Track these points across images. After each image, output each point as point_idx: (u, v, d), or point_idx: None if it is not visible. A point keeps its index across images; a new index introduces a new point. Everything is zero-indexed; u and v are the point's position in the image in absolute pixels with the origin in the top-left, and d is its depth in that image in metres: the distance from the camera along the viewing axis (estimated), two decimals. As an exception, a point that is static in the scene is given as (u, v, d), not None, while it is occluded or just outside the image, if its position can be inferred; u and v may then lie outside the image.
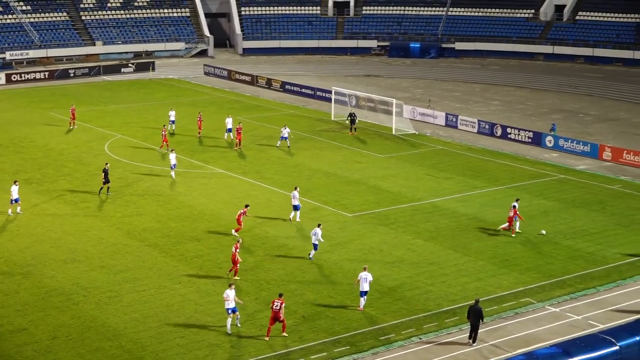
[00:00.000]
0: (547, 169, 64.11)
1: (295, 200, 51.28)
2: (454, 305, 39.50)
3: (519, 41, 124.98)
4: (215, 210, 53.09)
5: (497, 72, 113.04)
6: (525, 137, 72.67)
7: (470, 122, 77.69)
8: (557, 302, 40.08)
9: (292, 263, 44.42)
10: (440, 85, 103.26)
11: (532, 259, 45.33)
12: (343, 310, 38.78)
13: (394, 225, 50.57)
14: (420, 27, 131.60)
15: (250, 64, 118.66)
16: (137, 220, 51.10)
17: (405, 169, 63.41)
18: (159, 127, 76.60)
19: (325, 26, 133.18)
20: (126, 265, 43.97)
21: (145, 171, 61.90)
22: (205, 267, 43.75)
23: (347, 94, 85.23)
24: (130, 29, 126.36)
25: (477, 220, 51.54)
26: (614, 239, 48.65)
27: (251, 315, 38.15)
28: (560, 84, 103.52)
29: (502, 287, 41.60)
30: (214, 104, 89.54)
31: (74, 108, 77.63)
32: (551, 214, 53.09)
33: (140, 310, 38.64)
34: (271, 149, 68.86)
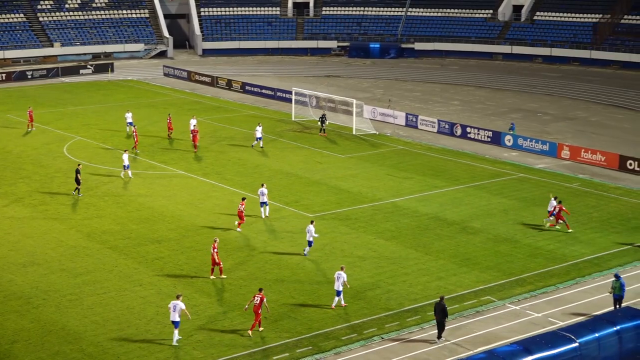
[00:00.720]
0: (507, 168, 64.58)
1: (264, 197, 51.62)
2: (416, 304, 39.67)
3: (478, 41, 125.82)
4: (176, 212, 52.87)
5: (457, 72, 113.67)
6: (485, 137, 73.15)
7: (430, 122, 78.03)
8: (518, 300, 40.38)
9: (253, 264, 44.37)
10: (400, 86, 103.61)
11: (492, 258, 45.64)
12: (305, 311, 38.79)
13: (355, 225, 50.68)
14: (379, 27, 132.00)
15: (210, 65, 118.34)
16: (97, 223, 50.76)
17: (366, 169, 63.56)
18: (118, 129, 76.24)
19: (285, 27, 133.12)
20: (86, 268, 43.66)
21: (105, 173, 61.48)
22: (166, 269, 43.56)
23: (308, 95, 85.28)
24: (89, 30, 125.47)
25: (438, 219, 51.80)
26: (573, 236, 49.11)
27: (213, 317, 38.04)
28: (519, 83, 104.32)
29: (463, 285, 41.84)
30: (174, 105, 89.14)
31: (32, 110, 77.01)
32: (511, 212, 53.47)
33: (101, 313, 38.39)
34: (232, 150, 68.70)
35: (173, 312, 35.47)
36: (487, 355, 31.24)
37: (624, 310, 35.64)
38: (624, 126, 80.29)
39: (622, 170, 63.67)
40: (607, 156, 65.20)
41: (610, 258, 45.77)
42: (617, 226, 51.06)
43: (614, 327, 33.12)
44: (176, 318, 35.52)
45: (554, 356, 31.31)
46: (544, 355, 31.11)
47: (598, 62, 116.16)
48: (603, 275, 43.47)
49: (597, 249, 47.13)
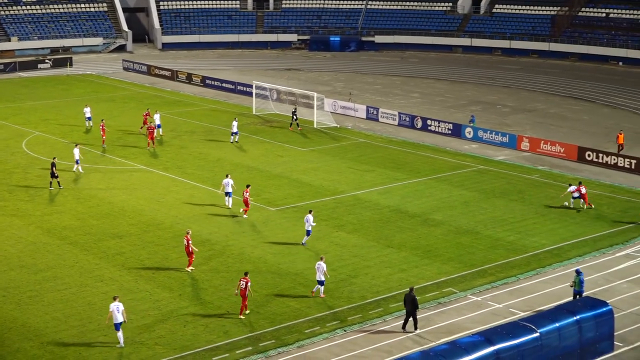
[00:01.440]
0: (467, 160, 64.92)
1: (229, 187, 52.12)
2: (378, 296, 39.76)
3: (438, 34, 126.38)
4: (137, 207, 52.57)
5: (417, 65, 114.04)
6: (445, 129, 73.47)
7: (391, 115, 78.22)
8: (479, 291, 40.63)
9: (215, 258, 44.23)
10: (360, 79, 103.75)
11: (453, 249, 45.87)
12: (267, 305, 38.74)
13: (317, 218, 50.53)
14: (340, 20, 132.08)
15: (170, 59, 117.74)
16: (57, 219, 50.34)
17: (327, 162, 63.59)
18: (77, 123, 75.70)
19: (245, 20, 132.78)
20: (47, 264, 43.29)
21: (65, 168, 60.91)
22: (127, 264, 43.30)
23: (269, 88, 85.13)
24: (47, 25, 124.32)
25: (399, 212, 51.95)
26: (533, 227, 49.51)
27: (174, 311, 37.88)
28: (479, 76, 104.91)
29: (425, 277, 42.01)
30: (134, 100, 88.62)
31: None
32: (471, 204, 53.77)
33: (62, 309, 38.10)
34: (193, 144, 68.43)
35: (117, 313, 34.92)
36: (449, 346, 31.40)
37: (584, 300, 36.01)
38: (582, 118, 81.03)
39: (580, 161, 64.26)
40: (566, 147, 65.77)
41: (569, 248, 46.19)
42: (576, 217, 51.52)
43: (574, 316, 33.45)
44: (120, 319, 35.00)
45: (515, 346, 31.55)
46: (506, 346, 31.34)
47: (556, 54, 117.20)
48: (563, 265, 43.88)
49: (557, 239, 47.54)
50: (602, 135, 73.20)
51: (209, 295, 39.61)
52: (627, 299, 39.83)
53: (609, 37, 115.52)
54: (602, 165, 62.97)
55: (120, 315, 34.91)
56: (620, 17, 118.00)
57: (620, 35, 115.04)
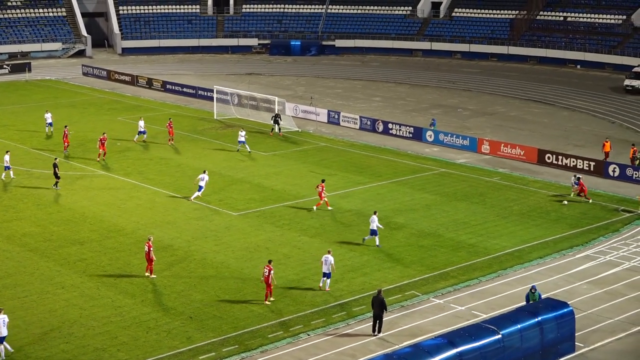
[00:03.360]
0: (429, 163, 65.20)
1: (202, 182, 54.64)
2: (341, 300, 39.79)
3: (398, 38, 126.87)
4: (98, 213, 52.20)
5: (378, 69, 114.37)
6: (407, 132, 73.74)
7: (352, 119, 78.38)
8: (441, 294, 40.80)
9: (177, 264, 44.04)
10: (322, 83, 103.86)
11: (415, 252, 46.03)
12: (230, 310, 38.64)
13: (280, 222, 50.66)
14: (300, 25, 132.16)
15: (130, 64, 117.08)
16: (16, 225, 49.84)
17: (289, 166, 63.58)
18: (36, 129, 75.08)
19: (205, 25, 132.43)
20: (6, 271, 42.84)
21: (24, 175, 60.37)
22: (89, 271, 42.98)
23: (230, 93, 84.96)
24: (4, 30, 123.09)
25: (361, 215, 52.00)
26: (494, 230, 49.82)
27: (137, 318, 37.65)
28: (439, 79, 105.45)
29: (388, 280, 42.11)
30: (94, 105, 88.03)
31: None
32: (433, 207, 53.99)
33: (23, 316, 37.70)
34: (154, 149, 68.10)
35: (3, 327, 34.15)
36: (412, 349, 31.52)
37: (545, 301, 36.28)
38: (542, 120, 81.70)
39: (540, 164, 64.78)
40: (526, 150, 66.28)
41: (530, 250, 46.54)
42: (537, 219, 51.92)
43: (536, 318, 33.73)
44: (5, 333, 34.23)
45: (478, 348, 31.74)
46: (468, 348, 31.52)
47: (515, 58, 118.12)
48: (524, 267, 44.20)
49: (518, 241, 47.87)
50: (561, 138, 73.85)
51: (171, 301, 39.43)
52: (588, 300, 40.20)
53: (566, 40, 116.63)
54: (561, 168, 63.50)
55: (5, 328, 34.16)
56: (578, 21, 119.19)
57: (578, 38, 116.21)
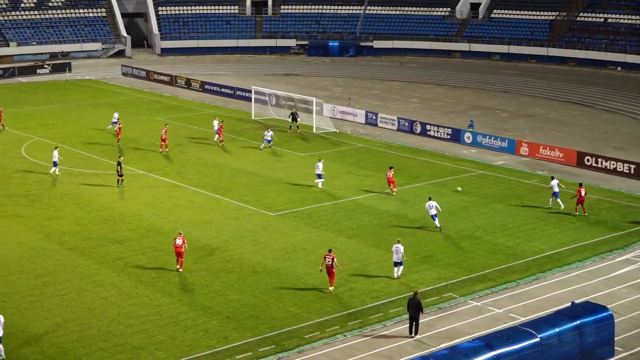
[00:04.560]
0: (466, 165, 64.93)
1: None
2: (378, 302, 39.73)
3: (436, 39, 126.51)
4: (136, 212, 52.54)
5: (416, 70, 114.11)
6: (444, 134, 73.50)
7: (390, 120, 78.26)
8: (479, 296, 40.60)
9: (215, 263, 44.20)
10: (359, 84, 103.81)
11: (453, 254, 45.85)
12: (267, 310, 38.70)
13: (317, 223, 50.69)
14: (338, 25, 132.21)
15: (169, 64, 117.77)
16: (56, 224, 50.31)
17: (327, 167, 63.42)
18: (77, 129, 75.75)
19: (243, 25, 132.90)
20: (46, 269, 43.26)
21: (64, 174, 60.95)
22: (127, 269, 43.27)
23: (267, 93, 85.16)
24: (45, 30, 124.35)
25: (399, 216, 51.93)
26: (533, 232, 49.49)
27: (174, 317, 37.84)
28: (478, 80, 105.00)
29: (425, 282, 41.98)
30: (133, 105, 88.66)
31: (1, 110, 76.39)
32: (471, 209, 53.76)
33: (62, 314, 38.05)
34: (192, 149, 68.46)
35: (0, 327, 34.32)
36: (449, 351, 31.39)
37: (584, 305, 35.98)
38: (581, 123, 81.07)
39: (580, 166, 64.28)
40: (565, 152, 65.81)
41: (569, 253, 46.18)
42: (576, 222, 51.51)
43: (574, 321, 33.43)
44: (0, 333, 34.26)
45: (515, 351, 31.53)
46: (506, 351, 31.32)
47: (555, 59, 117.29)
48: (563, 270, 43.86)
49: (556, 244, 47.52)
50: (601, 140, 73.23)
51: (208, 301, 39.58)
52: (627, 304, 39.83)
53: (607, 42, 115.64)
54: (601, 170, 62.96)
55: (1, 329, 34.19)
56: (619, 22, 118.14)
57: (619, 40, 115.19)
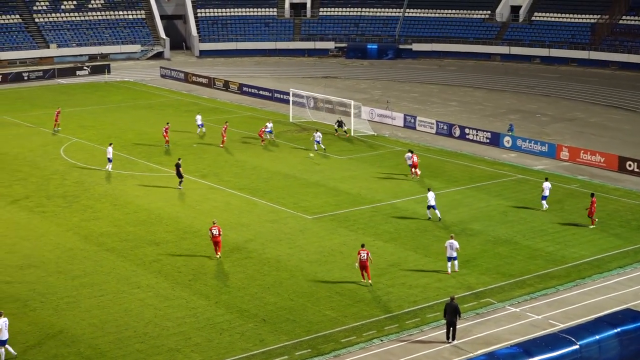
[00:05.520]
0: (506, 169, 64.54)
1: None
2: (415, 306, 39.58)
3: (476, 42, 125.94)
4: (173, 214, 52.77)
5: (455, 73, 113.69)
6: (484, 138, 73.12)
7: (428, 123, 78.01)
8: (518, 302, 40.31)
9: (251, 266, 44.27)
10: (398, 87, 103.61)
11: (491, 259, 45.57)
12: (304, 313, 38.69)
13: (354, 227, 50.62)
14: (377, 28, 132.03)
15: (207, 66, 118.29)
16: (94, 225, 50.66)
17: (365, 170, 63.49)
18: (115, 130, 76.27)
19: (282, 28, 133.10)
20: (84, 270, 43.57)
21: (102, 175, 61.41)
22: (164, 271, 43.46)
23: (305, 96, 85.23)
24: (85, 32, 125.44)
25: (437, 221, 51.68)
26: (573, 238, 49.05)
27: (211, 319, 37.93)
28: (517, 84, 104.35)
29: (463, 287, 41.75)
30: (171, 107, 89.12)
31: (60, 111, 77.32)
32: (510, 214, 53.40)
33: (99, 315, 38.30)
34: (228, 151, 68.66)
35: (5, 330, 34.23)
36: (487, 357, 31.20)
37: (625, 312, 35.60)
38: (623, 127, 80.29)
39: (621, 172, 63.62)
40: (607, 157, 65.18)
41: (610, 260, 45.71)
42: (617, 227, 51.00)
43: (615, 329, 33.08)
44: (6, 336, 34.32)
45: (554, 358, 31.26)
46: (545, 358, 31.06)
47: (596, 63, 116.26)
48: (603, 277, 43.42)
49: (597, 250, 47.06)
50: (643, 145, 72.54)
51: (245, 304, 39.64)
52: (669, 312, 39.33)
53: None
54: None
55: (6, 332, 34.25)
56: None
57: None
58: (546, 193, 54.38)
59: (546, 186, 54.50)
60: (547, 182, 54.81)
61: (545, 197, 54.44)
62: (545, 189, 54.43)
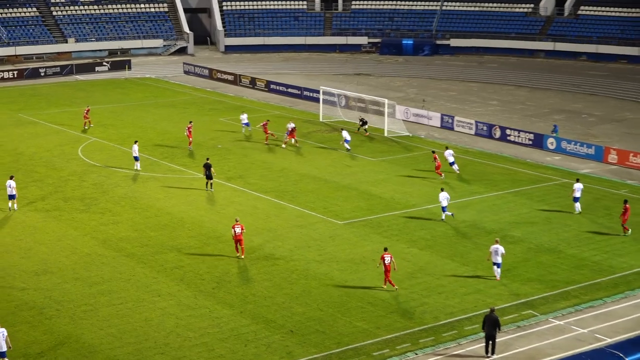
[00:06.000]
0: (549, 172, 64.21)
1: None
2: (452, 318, 39.45)
3: (518, 37, 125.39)
4: (197, 218, 52.92)
5: (495, 70, 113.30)
6: (526, 139, 72.79)
7: (467, 124, 77.79)
8: (562, 315, 40.07)
9: (278, 274, 44.29)
10: (435, 85, 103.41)
11: (534, 269, 45.33)
12: (334, 324, 38.66)
13: (387, 233, 50.53)
14: (413, 22, 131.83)
15: (233, 62, 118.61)
16: (113, 229, 50.91)
17: (399, 173, 63.39)
18: (135, 129, 76.64)
19: (312, 22, 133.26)
20: (102, 276, 43.77)
21: (122, 177, 61.71)
22: (186, 279, 43.58)
23: (337, 94, 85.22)
24: (105, 26, 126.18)
25: (476, 227, 51.54)
26: (621, 247, 48.71)
27: (235, 330, 38.00)
28: (562, 82, 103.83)
29: (503, 298, 41.57)
30: (195, 105, 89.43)
31: (89, 109, 78.04)
32: (554, 220, 53.12)
33: (117, 325, 38.45)
34: (256, 152, 68.80)
35: (2, 341, 34.18)
36: (529, 373, 31.04)
37: (677, 326, 35.32)
38: (675, 129, 79.74)
39: (673, 176, 63.21)
40: (658, 161, 64.81)
41: (661, 270, 45.43)
42: (669, 236, 50.66)
43: (666, 344, 32.86)
44: (4, 348, 34.28)
45: (601, 375, 31.09)
46: (591, 374, 30.90)
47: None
48: (654, 288, 43.16)
49: (647, 260, 46.79)
50: (697, 148, 71.89)
51: (271, 313, 39.66)
52: None
53: None
54: (697, 181, 61.88)
55: (4, 343, 34.19)
56: None
57: None
58: (577, 194, 54.35)
59: (577, 187, 54.46)
60: (578, 183, 54.81)
61: (577, 199, 54.40)
62: (576, 190, 54.35)
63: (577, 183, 54.82)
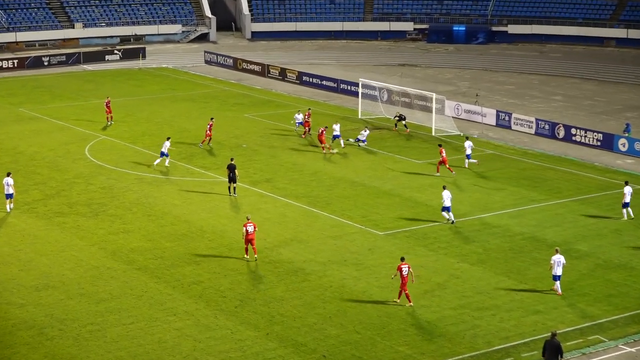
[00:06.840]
0: (620, 178, 63.86)
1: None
2: (507, 343, 39.33)
3: (586, 24, 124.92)
4: (218, 227, 53.09)
5: (559, 61, 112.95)
6: (594, 140, 72.52)
7: (526, 122, 77.59)
8: (633, 341, 39.84)
9: (310, 291, 44.32)
10: (490, 77, 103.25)
11: (602, 288, 45.10)
12: (372, 349, 38.64)
13: (434, 245, 50.47)
14: (465, 6, 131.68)
15: (261, 51, 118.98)
16: (123, 239, 51.15)
17: (447, 177, 63.26)
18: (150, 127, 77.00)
19: (350, 5, 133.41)
20: (110, 292, 43.97)
21: (134, 179, 61.99)
22: (205, 296, 43.70)
23: (378, 88, 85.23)
24: (116, 9, 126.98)
25: (535, 240, 51.38)
26: (703, 264, 48.45)
27: (260, 354, 38.05)
28: (636, 75, 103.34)
29: (566, 322, 41.39)
30: (217, 99, 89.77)
31: (109, 100, 78.70)
32: (625, 232, 52.86)
33: (127, 347, 38.62)
34: (285, 153, 68.89)
35: None
36: (595, 407, 30.89)
37: None
38: None
39: None
40: None
41: None
42: None
43: None
44: None
45: (678, 410, 30.86)
46: (666, 409, 30.68)
47: None
48: None
49: None
50: None
51: (302, 336, 39.69)
52: None
53: None
54: None
55: None
56: None
57: None
58: (627, 199, 54.37)
59: (627, 191, 54.59)
60: (628, 187, 54.97)
61: (626, 204, 54.43)
62: (626, 194, 54.41)
63: (627, 186, 54.82)
